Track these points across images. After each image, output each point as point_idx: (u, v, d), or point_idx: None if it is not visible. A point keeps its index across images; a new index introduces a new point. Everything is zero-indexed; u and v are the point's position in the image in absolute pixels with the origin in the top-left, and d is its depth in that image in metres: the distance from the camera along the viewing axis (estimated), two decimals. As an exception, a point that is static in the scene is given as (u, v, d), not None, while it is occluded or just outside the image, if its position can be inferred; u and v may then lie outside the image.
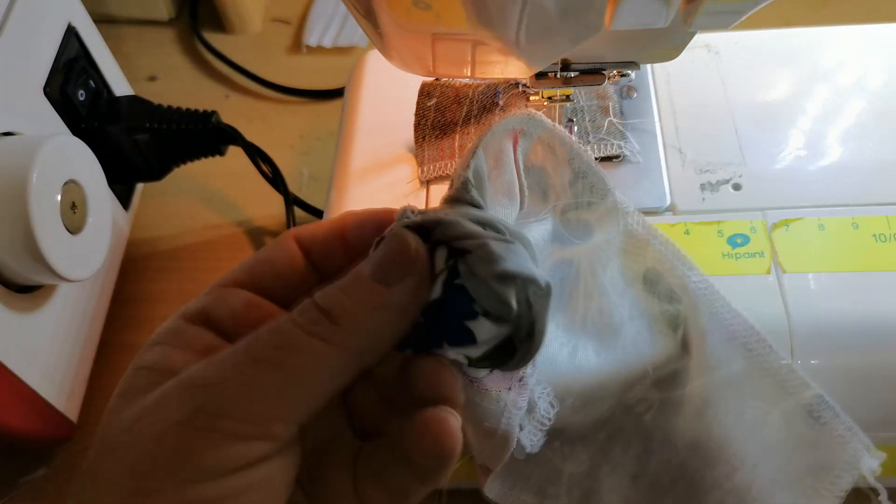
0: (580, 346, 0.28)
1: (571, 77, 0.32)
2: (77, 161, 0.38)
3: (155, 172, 0.46)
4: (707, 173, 0.37)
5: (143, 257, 0.50)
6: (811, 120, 0.39)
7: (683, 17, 0.25)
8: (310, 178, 0.53)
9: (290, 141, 0.55)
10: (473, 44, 0.28)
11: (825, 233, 0.34)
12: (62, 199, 0.35)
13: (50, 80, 0.40)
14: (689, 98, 0.40)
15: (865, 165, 0.37)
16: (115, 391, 0.22)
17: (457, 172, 0.24)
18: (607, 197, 0.30)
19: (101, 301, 0.45)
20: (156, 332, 0.23)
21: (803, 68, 0.41)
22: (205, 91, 0.59)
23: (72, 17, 0.43)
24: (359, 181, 0.39)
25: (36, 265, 0.34)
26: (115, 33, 0.62)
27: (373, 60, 0.44)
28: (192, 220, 0.52)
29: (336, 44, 0.61)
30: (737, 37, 0.42)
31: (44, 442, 0.41)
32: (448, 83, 0.41)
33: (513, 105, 0.39)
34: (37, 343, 0.37)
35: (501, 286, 0.20)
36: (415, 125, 0.40)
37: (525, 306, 0.21)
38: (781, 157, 0.37)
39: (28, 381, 0.36)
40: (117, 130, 0.43)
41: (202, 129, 0.45)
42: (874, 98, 0.39)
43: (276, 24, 0.64)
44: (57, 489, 0.41)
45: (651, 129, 0.39)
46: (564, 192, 0.30)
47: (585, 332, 0.29)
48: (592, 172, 0.30)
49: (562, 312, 0.29)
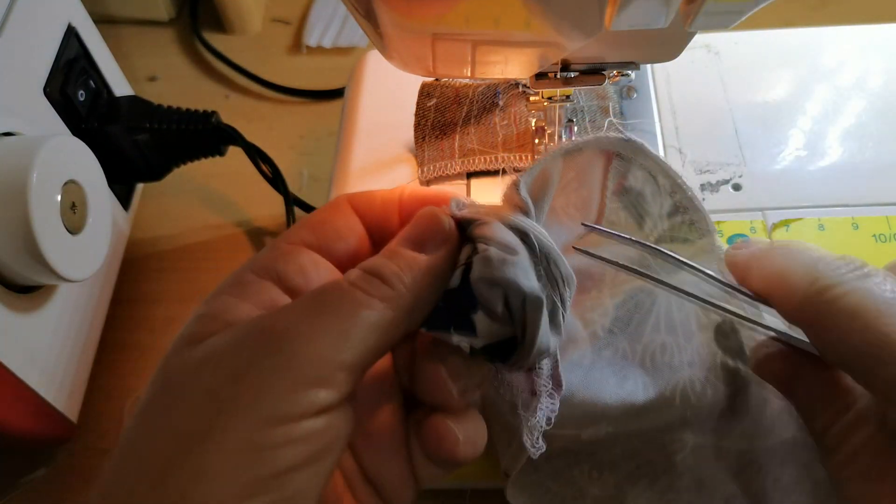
0: (631, 376, 0.28)
1: (571, 77, 0.32)
2: (77, 161, 0.38)
3: (155, 172, 0.46)
4: (707, 173, 0.37)
5: (143, 257, 0.50)
6: (811, 120, 0.39)
7: (683, 18, 0.25)
8: (310, 178, 0.53)
9: (290, 141, 0.55)
10: (473, 44, 0.28)
11: (825, 233, 0.34)
12: (62, 199, 0.35)
13: (50, 81, 0.40)
14: (689, 98, 0.40)
15: (865, 165, 0.37)
16: (176, 336, 0.23)
17: (526, 172, 0.26)
18: (705, 237, 0.29)
19: (101, 301, 0.45)
20: (222, 283, 0.24)
21: (803, 68, 0.41)
22: (205, 91, 0.59)
23: (72, 17, 0.43)
24: (359, 181, 0.39)
25: (36, 265, 0.34)
26: (115, 33, 0.62)
27: (373, 60, 0.44)
28: (192, 220, 0.52)
29: (336, 44, 0.61)
30: (737, 37, 0.42)
31: (44, 442, 0.41)
32: (448, 83, 0.41)
33: (513, 105, 0.39)
34: (37, 343, 0.37)
35: (488, 289, 0.23)
36: (415, 125, 0.40)
37: (519, 312, 0.23)
38: (781, 157, 0.37)
39: (28, 381, 0.36)
40: (117, 130, 0.43)
41: (202, 130, 0.45)
42: (874, 98, 0.39)
43: (276, 24, 0.64)
44: (57, 489, 0.41)
45: (651, 129, 0.39)
46: (662, 221, 0.30)
47: (642, 365, 0.28)
48: (694, 209, 0.29)
49: (626, 338, 0.29)
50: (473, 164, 0.38)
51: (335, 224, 0.26)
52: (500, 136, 0.38)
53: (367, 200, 0.27)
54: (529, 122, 0.38)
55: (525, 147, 0.38)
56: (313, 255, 0.25)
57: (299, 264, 0.24)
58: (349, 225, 0.26)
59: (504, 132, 0.38)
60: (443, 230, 0.24)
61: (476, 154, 0.38)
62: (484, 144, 0.38)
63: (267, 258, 0.25)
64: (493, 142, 0.38)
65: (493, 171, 0.38)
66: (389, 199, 0.27)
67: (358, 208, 0.26)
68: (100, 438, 0.43)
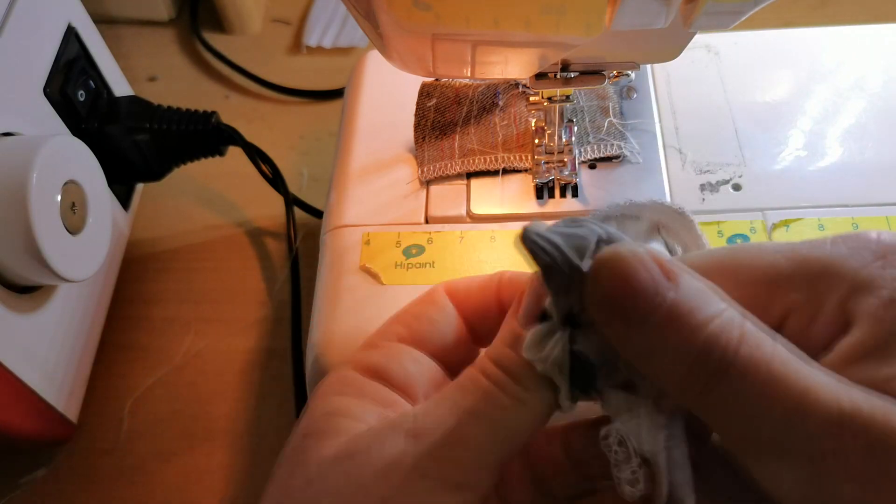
0: None
1: (571, 77, 0.32)
2: (77, 161, 0.38)
3: (155, 173, 0.46)
4: (707, 174, 0.37)
5: (143, 257, 0.50)
6: (811, 120, 0.39)
7: (683, 18, 0.25)
8: (310, 178, 0.53)
9: (290, 141, 0.55)
10: (473, 44, 0.28)
11: (825, 233, 0.34)
12: (62, 200, 0.35)
13: (50, 81, 0.40)
14: (689, 98, 0.40)
15: (865, 165, 0.37)
16: (296, 433, 0.24)
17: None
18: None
19: (101, 301, 0.45)
20: (330, 383, 0.25)
21: (803, 68, 0.41)
22: (205, 91, 0.59)
23: (72, 17, 0.43)
24: (359, 181, 0.39)
25: (36, 265, 0.34)
26: (115, 33, 0.62)
27: (373, 60, 0.44)
28: (192, 220, 0.52)
29: (336, 44, 0.61)
30: (737, 37, 0.42)
31: (43, 442, 0.41)
32: (448, 83, 0.41)
33: (513, 105, 0.39)
34: (37, 343, 0.37)
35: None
36: (415, 125, 0.40)
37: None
38: (781, 157, 0.37)
39: (28, 381, 0.36)
40: (117, 131, 0.43)
41: (202, 130, 0.45)
42: (874, 98, 0.39)
43: (276, 24, 0.64)
44: (57, 489, 0.41)
45: (651, 129, 0.39)
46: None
47: None
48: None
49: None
50: (473, 164, 0.38)
51: (431, 317, 0.26)
52: (500, 137, 0.38)
53: (464, 289, 0.27)
54: (529, 122, 0.38)
55: (525, 147, 0.38)
56: (413, 351, 0.25)
57: (401, 363, 0.25)
58: (446, 317, 0.26)
59: (504, 132, 0.38)
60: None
61: (476, 154, 0.38)
62: (484, 144, 0.38)
63: (370, 358, 0.25)
64: (493, 142, 0.38)
65: (493, 171, 0.38)
66: (488, 286, 0.26)
67: (455, 297, 0.27)
68: (100, 438, 0.43)
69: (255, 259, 0.50)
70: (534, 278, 0.23)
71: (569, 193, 0.37)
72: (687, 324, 0.19)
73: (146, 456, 0.42)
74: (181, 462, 0.42)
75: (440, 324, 0.26)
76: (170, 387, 0.44)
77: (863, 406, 0.17)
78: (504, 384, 0.22)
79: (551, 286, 0.22)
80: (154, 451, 0.42)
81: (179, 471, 0.41)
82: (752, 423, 0.18)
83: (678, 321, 0.19)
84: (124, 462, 0.42)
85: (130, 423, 0.43)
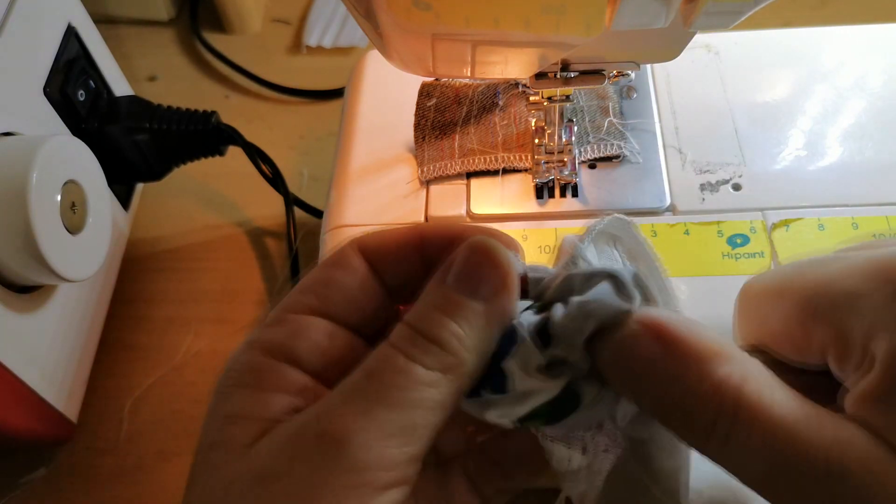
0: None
1: (571, 77, 0.32)
2: (77, 161, 0.38)
3: (155, 172, 0.46)
4: (707, 173, 0.37)
5: (143, 257, 0.50)
6: (811, 120, 0.39)
7: (683, 18, 0.25)
8: (310, 178, 0.53)
9: (290, 141, 0.55)
10: (473, 44, 0.28)
11: (825, 233, 0.34)
12: (62, 199, 0.35)
13: (50, 81, 0.40)
14: (689, 98, 0.40)
15: (865, 165, 0.37)
16: (201, 442, 0.21)
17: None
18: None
19: (101, 301, 0.45)
20: (232, 370, 0.21)
21: (803, 68, 0.41)
22: (205, 91, 0.59)
23: (72, 17, 0.43)
24: (359, 181, 0.39)
25: (36, 265, 0.34)
26: (115, 33, 0.62)
27: (373, 60, 0.44)
28: (192, 220, 0.52)
29: (336, 44, 0.61)
30: (737, 37, 0.42)
31: (43, 442, 0.41)
32: (448, 83, 0.41)
33: (513, 105, 0.39)
34: (37, 343, 0.37)
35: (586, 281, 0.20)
36: (415, 125, 0.40)
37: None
38: (781, 157, 0.37)
39: (28, 381, 0.36)
40: (117, 130, 0.43)
41: (202, 130, 0.45)
42: (874, 98, 0.39)
43: (276, 24, 0.64)
44: (57, 489, 0.41)
45: (651, 129, 0.39)
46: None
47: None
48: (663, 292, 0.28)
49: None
50: (473, 164, 0.38)
51: (342, 283, 0.23)
52: (500, 136, 0.38)
53: (377, 245, 0.23)
54: (529, 122, 0.38)
55: (525, 147, 0.38)
56: (325, 324, 0.22)
57: (313, 341, 0.22)
58: (359, 281, 0.23)
59: (504, 132, 0.38)
60: (502, 267, 0.20)
61: (476, 154, 0.38)
62: (484, 144, 0.38)
63: (274, 336, 0.22)
64: (492, 142, 0.38)
65: (493, 170, 0.38)
66: (406, 240, 0.23)
67: (368, 255, 0.23)
68: (100, 438, 0.43)
69: (255, 259, 0.50)
70: (562, 258, 0.22)
71: (569, 193, 0.37)
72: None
73: (146, 456, 0.42)
74: (181, 462, 0.42)
75: (353, 289, 0.22)
76: (170, 387, 0.44)
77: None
78: (423, 353, 0.19)
79: (565, 290, 0.21)
80: (154, 451, 0.42)
81: (179, 471, 0.41)
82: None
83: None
84: (124, 462, 0.42)
85: (130, 423, 0.43)
